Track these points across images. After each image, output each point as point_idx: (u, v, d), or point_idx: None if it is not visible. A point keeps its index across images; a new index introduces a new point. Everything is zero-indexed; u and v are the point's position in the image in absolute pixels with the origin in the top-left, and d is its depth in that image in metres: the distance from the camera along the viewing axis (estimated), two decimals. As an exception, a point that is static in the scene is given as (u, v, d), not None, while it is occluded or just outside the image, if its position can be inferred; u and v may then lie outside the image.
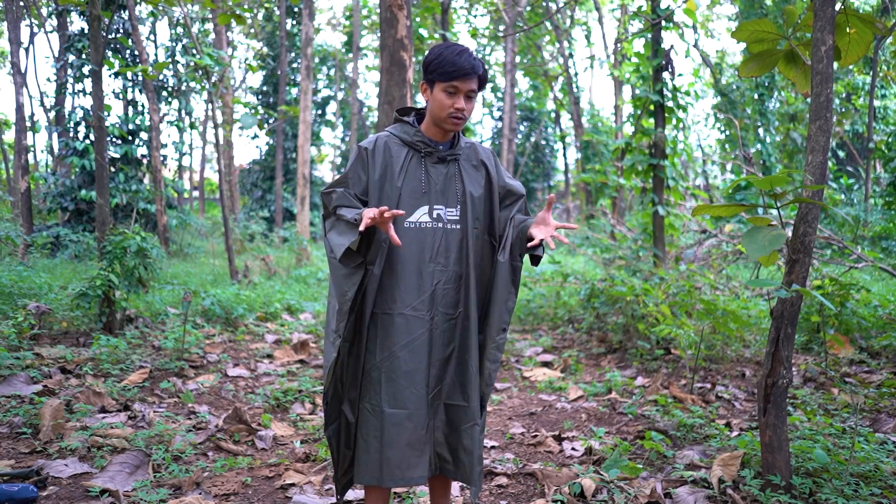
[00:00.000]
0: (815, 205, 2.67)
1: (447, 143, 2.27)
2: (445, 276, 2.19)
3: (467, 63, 2.13)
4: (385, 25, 6.27)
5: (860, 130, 17.77)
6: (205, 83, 8.79)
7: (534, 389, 5.08)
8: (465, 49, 2.17)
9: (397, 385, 2.13)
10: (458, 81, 2.14)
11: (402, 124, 2.28)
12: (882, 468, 2.89)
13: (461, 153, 2.28)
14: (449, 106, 2.15)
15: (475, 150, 2.34)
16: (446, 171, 2.24)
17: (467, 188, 2.24)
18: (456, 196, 2.23)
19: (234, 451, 3.54)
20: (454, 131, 2.22)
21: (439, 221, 2.20)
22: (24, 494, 2.77)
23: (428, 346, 2.16)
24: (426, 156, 2.23)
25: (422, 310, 2.16)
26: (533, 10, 20.83)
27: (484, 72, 2.20)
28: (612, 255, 8.85)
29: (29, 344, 5.14)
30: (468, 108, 2.18)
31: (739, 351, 5.52)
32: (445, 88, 2.15)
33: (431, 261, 2.18)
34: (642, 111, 7.43)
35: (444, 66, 2.13)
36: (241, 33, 27.75)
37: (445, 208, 2.21)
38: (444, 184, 2.23)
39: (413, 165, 2.22)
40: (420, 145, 2.22)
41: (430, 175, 2.22)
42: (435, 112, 2.19)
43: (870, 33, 2.98)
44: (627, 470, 3.13)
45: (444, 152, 2.24)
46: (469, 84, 2.15)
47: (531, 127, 30.85)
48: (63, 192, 12.91)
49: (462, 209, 2.22)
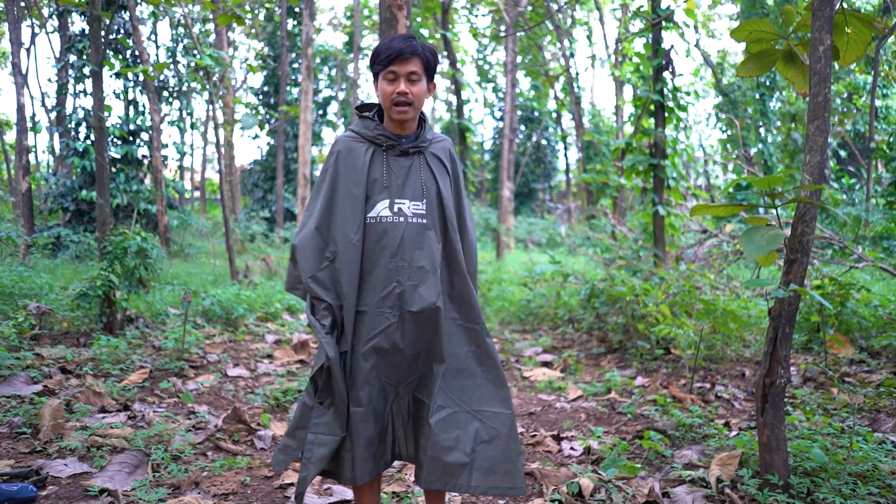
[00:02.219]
0: (813, 205, 2.67)
1: (411, 135, 2.22)
2: (408, 272, 2.13)
3: (400, 45, 2.10)
4: (385, 26, 6.27)
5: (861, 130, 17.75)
6: (206, 83, 8.80)
7: (533, 389, 5.08)
8: (402, 35, 2.14)
9: (361, 382, 2.11)
10: (396, 65, 2.10)
11: (363, 120, 2.24)
12: (880, 468, 2.89)
13: (426, 145, 2.23)
14: (391, 92, 2.11)
15: (446, 145, 2.30)
16: (409, 164, 2.19)
17: (433, 181, 2.20)
18: (421, 189, 2.17)
19: (233, 450, 3.55)
20: (404, 118, 2.16)
21: (401, 216, 2.14)
22: (23, 494, 2.77)
23: (394, 342, 2.12)
24: (388, 149, 2.19)
25: (385, 307, 2.12)
26: (534, 9, 20.83)
27: (428, 54, 2.15)
28: (612, 255, 8.84)
29: (29, 344, 5.15)
30: (413, 92, 2.12)
31: (739, 351, 5.52)
32: (385, 76, 2.12)
33: (394, 256, 2.13)
34: (643, 111, 7.43)
35: (379, 53, 2.12)
36: (242, 33, 27.79)
37: (409, 202, 2.16)
38: (407, 177, 2.18)
39: (375, 160, 2.18)
40: (381, 139, 2.18)
41: (391, 169, 2.18)
42: (383, 104, 2.16)
43: (868, 33, 2.98)
44: (626, 469, 3.13)
45: (406, 145, 2.19)
46: (408, 66, 2.10)
47: (532, 127, 30.84)
48: (64, 193, 12.92)
49: (428, 203, 2.18)
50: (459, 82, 13.95)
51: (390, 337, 2.12)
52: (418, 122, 2.25)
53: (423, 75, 2.15)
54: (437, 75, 2.27)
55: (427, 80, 2.18)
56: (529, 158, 30.41)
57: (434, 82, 2.23)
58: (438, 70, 2.62)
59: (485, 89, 31.48)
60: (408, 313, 2.12)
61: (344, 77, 27.60)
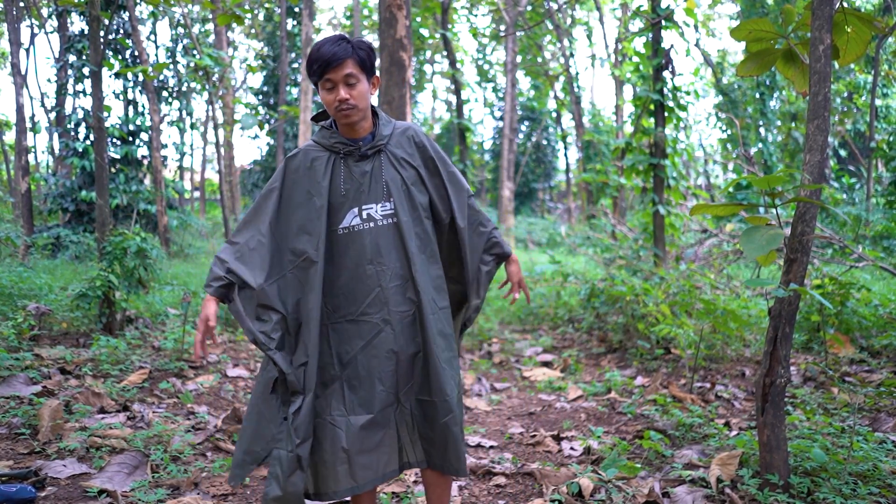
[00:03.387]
0: (813, 204, 2.66)
1: (367, 137, 2.19)
2: (388, 275, 2.13)
3: (327, 52, 2.05)
4: (384, 25, 6.27)
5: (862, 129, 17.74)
6: (205, 84, 8.79)
7: (533, 389, 5.08)
8: (332, 38, 2.08)
9: (359, 391, 2.11)
10: (330, 73, 2.06)
11: (321, 130, 2.22)
12: (881, 467, 2.89)
13: (384, 143, 2.19)
14: (332, 101, 2.09)
15: (408, 134, 2.25)
16: (371, 166, 2.17)
17: (397, 177, 2.17)
18: (387, 189, 2.15)
19: (232, 451, 3.54)
20: (351, 122, 2.13)
21: (370, 221, 2.14)
22: (22, 495, 2.77)
23: (388, 346, 2.11)
24: (346, 156, 2.17)
25: (371, 313, 2.12)
26: (534, 9, 20.82)
27: (361, 53, 2.10)
28: (612, 254, 8.84)
29: (28, 345, 5.14)
30: (353, 95, 2.08)
31: (739, 350, 5.51)
32: (323, 85, 2.10)
33: (370, 263, 2.12)
34: (642, 111, 7.42)
35: (311, 63, 2.08)
36: (242, 33, 27.78)
37: (377, 205, 2.14)
38: (371, 181, 2.15)
39: (335, 170, 2.16)
40: (339, 146, 2.16)
41: (353, 175, 2.16)
42: (329, 112, 2.15)
43: (868, 32, 2.97)
44: (626, 469, 3.13)
45: (364, 147, 2.16)
46: (341, 70, 2.06)
47: (532, 127, 30.84)
48: (63, 193, 12.91)
49: (396, 200, 2.15)
50: (459, 82, 13.95)
51: (383, 341, 2.11)
52: (373, 120, 2.22)
53: (360, 74, 2.10)
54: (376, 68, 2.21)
55: (367, 77, 2.14)
56: (529, 158, 30.40)
57: (376, 75, 2.19)
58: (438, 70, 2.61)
59: (485, 89, 31.49)
60: (395, 314, 2.12)
61: (344, 77, 27.57)
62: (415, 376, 2.17)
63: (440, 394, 2.12)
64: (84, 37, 13.21)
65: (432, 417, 2.15)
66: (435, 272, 2.20)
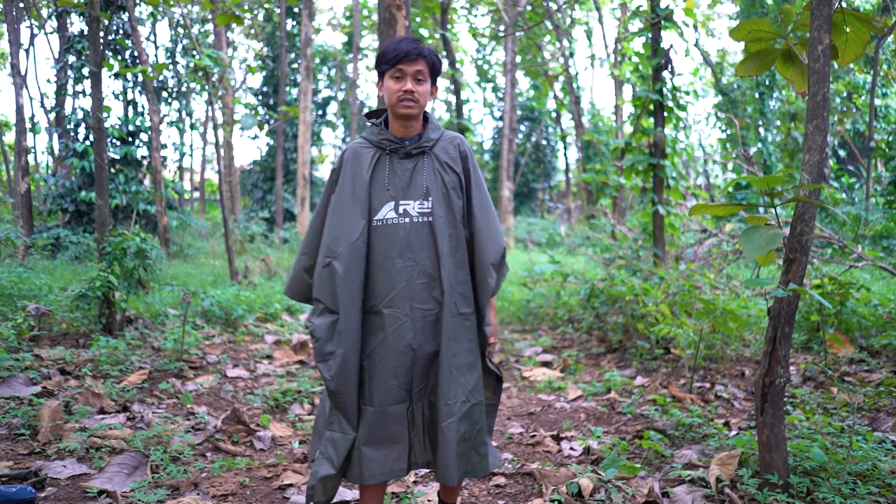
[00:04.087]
0: (812, 204, 2.67)
1: (415, 137, 2.28)
2: (416, 271, 2.18)
3: (407, 46, 2.18)
4: (383, 26, 6.27)
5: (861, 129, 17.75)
6: (205, 84, 8.79)
7: (533, 389, 5.08)
8: (409, 38, 2.22)
9: (374, 382, 2.17)
10: (403, 64, 2.18)
11: (371, 127, 2.32)
12: (880, 467, 2.89)
13: (429, 145, 2.27)
14: (397, 90, 2.19)
15: (455, 142, 2.32)
16: (413, 165, 2.25)
17: (438, 180, 2.24)
18: (426, 189, 2.22)
19: (232, 451, 3.55)
20: (409, 114, 2.21)
21: (406, 216, 2.20)
22: (22, 495, 2.77)
23: (406, 342, 2.16)
24: (391, 153, 2.25)
25: (394, 307, 2.16)
26: (533, 9, 20.83)
27: (433, 58, 2.23)
28: (612, 254, 8.83)
29: (28, 345, 5.15)
30: (419, 91, 2.19)
31: (739, 350, 5.51)
32: (392, 74, 2.20)
33: (400, 256, 2.18)
34: (642, 111, 7.42)
35: (387, 53, 2.20)
36: (241, 34, 27.77)
37: (414, 202, 2.21)
38: (411, 178, 2.23)
39: (380, 164, 2.25)
40: (385, 143, 2.25)
41: (395, 171, 2.24)
42: (389, 102, 2.23)
43: (867, 32, 2.98)
44: (625, 469, 3.13)
45: (409, 147, 2.25)
46: (414, 66, 2.18)
47: (532, 127, 30.84)
48: (63, 194, 12.91)
49: (434, 201, 2.21)
50: (459, 82, 13.94)
51: (402, 336, 2.16)
52: (423, 123, 2.31)
53: (427, 76, 2.22)
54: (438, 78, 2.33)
55: (431, 83, 2.25)
56: (529, 158, 30.41)
57: (436, 85, 2.30)
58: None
59: (484, 89, 31.49)
60: (418, 311, 2.17)
61: (343, 77, 27.60)
62: (430, 377, 2.21)
63: (443, 397, 2.14)
64: (84, 37, 13.21)
65: (434, 419, 2.18)
66: (462, 276, 2.24)
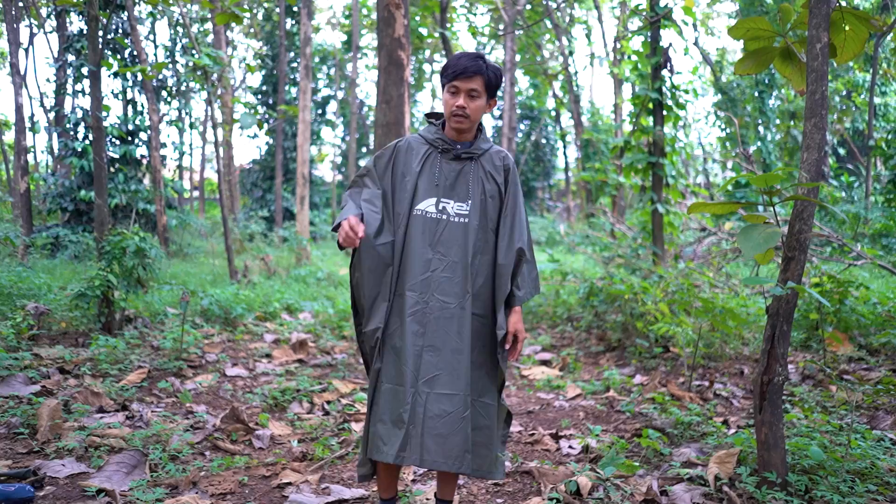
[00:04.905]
0: (810, 202, 2.67)
1: (466, 143, 2.43)
2: (444, 265, 2.33)
3: (465, 63, 2.30)
4: (382, 25, 6.27)
5: (860, 128, 17.74)
6: (204, 83, 8.79)
7: (532, 388, 5.08)
8: (472, 53, 2.34)
9: (388, 359, 2.34)
10: (458, 81, 2.32)
11: (429, 125, 2.49)
12: (878, 465, 2.89)
13: (479, 153, 2.42)
14: (451, 104, 2.34)
15: (501, 155, 2.47)
16: (460, 168, 2.41)
17: (479, 187, 2.39)
18: (467, 192, 2.38)
19: (231, 450, 3.55)
20: (459, 128, 2.37)
21: (444, 214, 2.36)
22: (21, 494, 2.77)
23: (419, 329, 2.30)
24: (443, 153, 2.42)
25: (416, 291, 2.32)
26: (532, 8, 20.81)
27: (491, 74, 2.34)
28: (611, 253, 8.84)
29: (28, 344, 5.14)
30: (471, 107, 2.33)
31: (738, 349, 5.52)
32: (448, 88, 2.35)
33: (432, 248, 2.34)
34: (641, 109, 7.42)
35: (447, 68, 2.34)
36: (241, 33, 27.75)
37: (454, 202, 2.37)
38: (456, 180, 2.39)
39: (430, 161, 2.41)
40: (438, 143, 2.42)
41: (442, 171, 2.40)
42: (444, 112, 2.41)
43: (866, 31, 2.97)
44: (624, 468, 3.13)
45: (460, 151, 2.40)
46: (469, 83, 2.31)
47: (531, 125, 30.83)
48: (63, 193, 12.90)
49: (472, 205, 2.37)
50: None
51: (419, 320, 2.31)
52: (476, 133, 2.46)
53: (483, 93, 2.36)
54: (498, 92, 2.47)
55: (488, 97, 2.39)
56: (528, 157, 30.40)
57: (495, 98, 2.44)
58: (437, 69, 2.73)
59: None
60: (437, 301, 2.32)
61: (342, 76, 27.58)
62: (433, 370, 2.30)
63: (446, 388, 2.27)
64: (83, 36, 13.20)
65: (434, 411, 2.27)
66: (482, 280, 2.38)
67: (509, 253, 2.38)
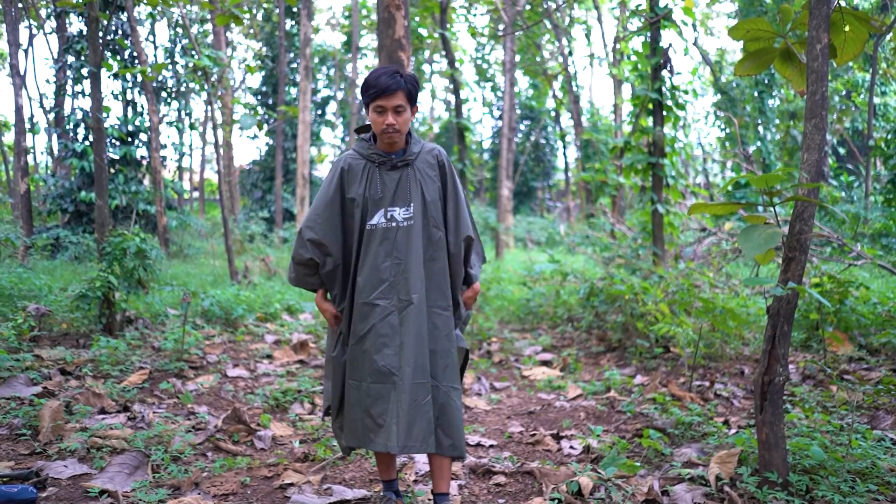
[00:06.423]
0: (810, 202, 2.67)
1: (400, 152, 2.59)
2: (400, 268, 2.53)
3: (385, 82, 2.43)
4: (383, 25, 6.27)
5: (860, 128, 17.74)
6: (204, 84, 8.79)
7: (533, 388, 5.08)
8: (388, 70, 2.46)
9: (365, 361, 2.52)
10: (382, 100, 2.45)
11: (360, 141, 2.63)
12: (879, 465, 2.90)
13: (413, 157, 2.59)
14: (380, 123, 2.48)
15: (434, 153, 2.64)
16: (399, 176, 2.57)
17: (419, 189, 2.56)
18: (408, 197, 2.55)
19: (233, 451, 3.55)
20: (392, 142, 2.53)
21: (393, 221, 2.55)
22: (23, 496, 2.77)
23: (394, 329, 2.50)
24: (380, 165, 2.58)
25: (383, 298, 2.52)
26: (532, 8, 20.82)
27: (410, 86, 2.48)
28: (611, 253, 8.84)
29: (29, 346, 5.15)
30: (399, 122, 2.49)
31: (738, 349, 5.52)
32: (374, 108, 2.48)
33: (388, 256, 2.53)
34: (641, 109, 7.43)
35: (368, 88, 2.46)
36: (241, 34, 27.75)
37: (399, 209, 2.55)
38: (397, 187, 2.56)
39: (370, 176, 2.57)
40: (374, 157, 2.57)
41: (384, 182, 2.56)
42: (374, 130, 2.54)
43: (866, 31, 2.98)
44: (625, 468, 3.13)
45: (395, 160, 2.57)
46: (393, 100, 2.45)
47: (531, 126, 30.83)
48: (63, 194, 12.90)
49: (415, 207, 2.55)
50: (458, 81, 13.93)
51: (389, 322, 2.51)
52: (407, 139, 2.62)
53: (407, 105, 2.50)
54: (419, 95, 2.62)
55: (410, 107, 2.54)
56: (528, 157, 30.39)
57: (416, 105, 2.59)
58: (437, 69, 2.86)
59: (483, 88, 31.45)
60: (402, 302, 2.52)
61: (342, 77, 27.58)
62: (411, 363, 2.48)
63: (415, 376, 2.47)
64: (83, 37, 13.20)
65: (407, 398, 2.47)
66: (437, 274, 2.58)
67: (458, 242, 2.62)
